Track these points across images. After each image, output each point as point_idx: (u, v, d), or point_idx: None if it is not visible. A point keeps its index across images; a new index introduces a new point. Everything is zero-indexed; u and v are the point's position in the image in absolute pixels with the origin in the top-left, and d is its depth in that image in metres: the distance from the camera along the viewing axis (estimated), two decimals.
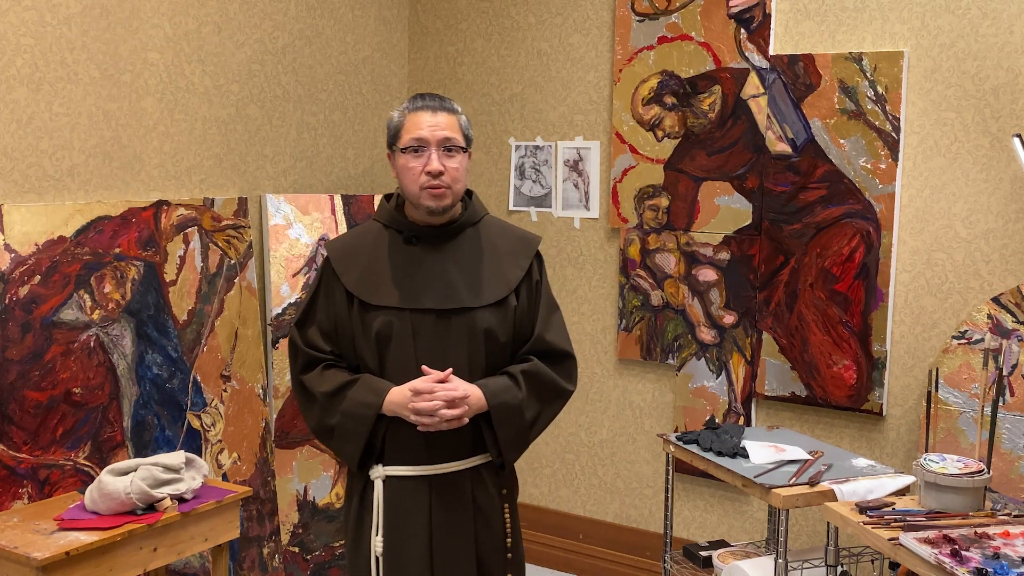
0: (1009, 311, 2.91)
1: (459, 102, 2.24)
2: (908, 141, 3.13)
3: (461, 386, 2.09)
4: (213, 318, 3.21)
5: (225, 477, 3.22)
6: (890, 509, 2.33)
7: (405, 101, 2.21)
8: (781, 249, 3.36)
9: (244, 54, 3.39)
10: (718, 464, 2.76)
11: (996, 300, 2.94)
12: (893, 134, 3.13)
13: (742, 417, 3.49)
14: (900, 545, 2.13)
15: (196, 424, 3.13)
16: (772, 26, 3.34)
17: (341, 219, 3.63)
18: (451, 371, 2.10)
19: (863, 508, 2.34)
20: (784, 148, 3.32)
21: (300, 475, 3.48)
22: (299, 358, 2.24)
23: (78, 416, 2.77)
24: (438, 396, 2.06)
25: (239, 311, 3.30)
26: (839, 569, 2.74)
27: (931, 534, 2.12)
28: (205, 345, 3.18)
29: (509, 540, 2.24)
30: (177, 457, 2.63)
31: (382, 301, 2.15)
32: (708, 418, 3.43)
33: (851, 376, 3.24)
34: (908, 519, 2.25)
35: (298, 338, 2.24)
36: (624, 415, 3.80)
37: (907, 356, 3.18)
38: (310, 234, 3.54)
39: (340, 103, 3.85)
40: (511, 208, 3.99)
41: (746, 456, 2.79)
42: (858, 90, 3.17)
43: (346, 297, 2.19)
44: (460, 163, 2.15)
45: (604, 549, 3.86)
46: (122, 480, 2.47)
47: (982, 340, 2.93)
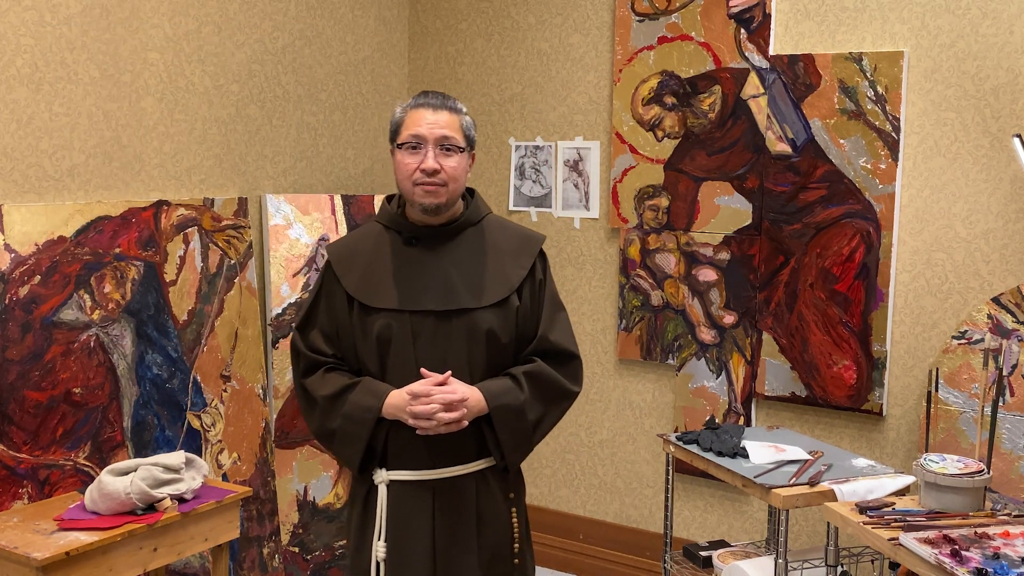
0: (1009, 311, 2.91)
1: (459, 102, 2.22)
2: (908, 141, 3.13)
3: (460, 389, 2.07)
4: (213, 318, 3.21)
5: (225, 477, 3.22)
6: (890, 509, 2.33)
7: (410, 98, 2.19)
8: (781, 249, 3.36)
9: (244, 54, 3.39)
10: (718, 464, 2.76)
11: (996, 300, 2.94)
12: (893, 134, 3.13)
13: (742, 417, 3.49)
14: (900, 545, 2.12)
15: (196, 424, 3.13)
16: (772, 26, 3.34)
17: (341, 219, 3.63)
18: (450, 374, 2.08)
19: (863, 508, 2.34)
20: (784, 148, 3.32)
21: (300, 475, 3.48)
22: (301, 361, 2.22)
23: (78, 416, 2.77)
24: (435, 399, 2.04)
25: (239, 311, 3.30)
26: (839, 569, 2.74)
27: (931, 534, 2.12)
28: (205, 345, 3.18)
29: (517, 545, 2.21)
30: (177, 457, 2.63)
31: (382, 303, 2.14)
32: (708, 418, 3.43)
33: (851, 376, 3.24)
34: (908, 519, 2.25)
35: (300, 341, 2.22)
36: (624, 415, 3.80)
37: (907, 356, 3.18)
38: (310, 234, 3.54)
39: (340, 103, 3.85)
40: (511, 208, 3.99)
41: (746, 456, 2.79)
42: (858, 90, 3.17)
43: (346, 300, 2.17)
44: (458, 163, 2.12)
45: (604, 549, 3.86)
46: (122, 480, 2.47)
47: (982, 340, 2.93)
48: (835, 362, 3.26)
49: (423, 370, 2.09)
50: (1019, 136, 2.78)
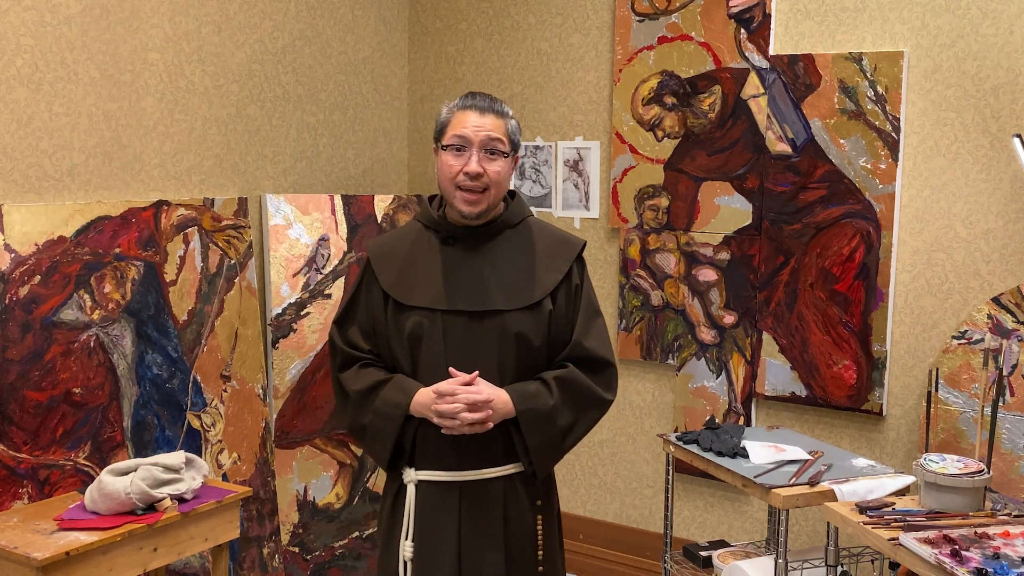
0: (1009, 311, 2.91)
1: (506, 105, 2.22)
2: (908, 141, 3.13)
3: (486, 389, 2.05)
4: (213, 318, 3.21)
5: (225, 477, 3.22)
6: (890, 509, 2.33)
7: (457, 98, 2.17)
8: (781, 249, 3.36)
9: (244, 54, 3.39)
10: (718, 464, 2.76)
11: (996, 300, 2.94)
12: (893, 134, 3.13)
13: (742, 417, 3.49)
14: (900, 545, 2.12)
15: (196, 424, 3.13)
16: (772, 26, 3.34)
17: (341, 219, 3.63)
18: (477, 374, 2.07)
19: (863, 508, 2.34)
20: (784, 148, 3.32)
21: (300, 475, 3.47)
22: (337, 356, 2.24)
23: (78, 416, 2.77)
24: (460, 399, 2.02)
25: (239, 311, 3.30)
26: (839, 569, 2.74)
27: (931, 534, 2.12)
28: (205, 345, 3.18)
29: (541, 553, 2.18)
30: (177, 457, 2.63)
31: (415, 301, 2.13)
32: (708, 418, 3.43)
33: (851, 376, 3.24)
34: (908, 519, 2.25)
35: (337, 336, 2.24)
36: (624, 415, 3.80)
37: (907, 356, 3.18)
38: (310, 234, 3.54)
39: (340, 103, 3.85)
40: None
41: (746, 456, 2.79)
42: (858, 90, 3.17)
43: (383, 297, 2.18)
44: (502, 167, 2.11)
45: (604, 549, 3.86)
46: (122, 480, 2.47)
47: (982, 340, 2.93)
48: (835, 362, 3.26)
49: (451, 369, 2.08)
50: (1019, 136, 2.78)
